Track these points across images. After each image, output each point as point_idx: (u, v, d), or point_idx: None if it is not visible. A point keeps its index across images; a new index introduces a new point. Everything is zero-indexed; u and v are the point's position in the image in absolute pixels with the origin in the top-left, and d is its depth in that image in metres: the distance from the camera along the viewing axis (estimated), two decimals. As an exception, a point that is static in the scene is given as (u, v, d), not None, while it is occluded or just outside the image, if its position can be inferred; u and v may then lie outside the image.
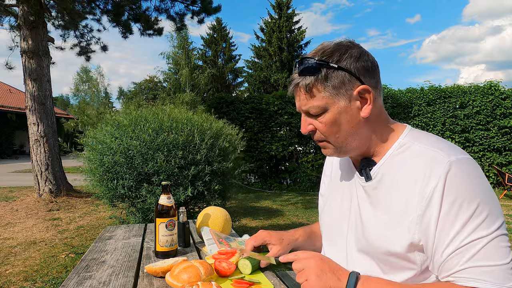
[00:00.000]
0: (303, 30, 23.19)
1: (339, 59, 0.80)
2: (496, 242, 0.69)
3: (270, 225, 5.00)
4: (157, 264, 1.06)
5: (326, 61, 0.79)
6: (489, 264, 0.68)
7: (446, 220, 0.71)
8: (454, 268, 0.71)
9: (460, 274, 0.70)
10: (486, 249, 0.68)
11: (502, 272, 0.68)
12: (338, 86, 0.80)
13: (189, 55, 19.11)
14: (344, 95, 0.80)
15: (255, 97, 9.17)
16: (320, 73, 0.79)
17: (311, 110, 0.82)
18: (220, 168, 3.02)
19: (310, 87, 0.80)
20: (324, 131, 0.84)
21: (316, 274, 0.78)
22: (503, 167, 8.50)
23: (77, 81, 26.79)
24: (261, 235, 1.12)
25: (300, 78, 0.82)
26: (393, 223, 0.79)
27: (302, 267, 0.81)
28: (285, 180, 9.30)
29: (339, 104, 0.81)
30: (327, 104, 0.81)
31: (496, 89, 8.46)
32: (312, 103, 0.81)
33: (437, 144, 0.79)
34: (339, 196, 0.97)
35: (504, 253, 0.69)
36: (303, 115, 0.86)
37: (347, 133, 0.83)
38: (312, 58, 0.80)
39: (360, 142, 0.84)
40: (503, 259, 0.68)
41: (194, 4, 7.66)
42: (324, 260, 0.82)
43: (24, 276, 2.99)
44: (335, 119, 0.81)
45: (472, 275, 0.69)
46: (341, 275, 0.78)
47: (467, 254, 0.69)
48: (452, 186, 0.71)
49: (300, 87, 0.83)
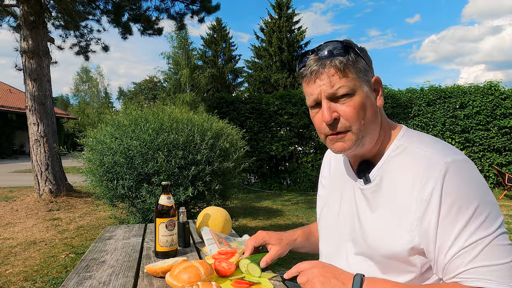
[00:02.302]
0: (303, 30, 23.21)
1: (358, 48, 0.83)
2: (498, 241, 0.69)
3: (270, 225, 5.00)
4: (157, 264, 1.06)
5: (352, 46, 0.81)
6: (493, 263, 0.68)
7: (447, 221, 0.72)
8: (458, 269, 0.71)
9: (465, 274, 0.70)
10: (489, 249, 0.69)
11: (506, 270, 0.68)
12: (364, 71, 0.81)
13: (189, 55, 19.13)
14: (367, 82, 0.82)
15: (255, 97, 9.17)
16: (350, 55, 0.80)
17: (340, 90, 0.79)
18: (220, 168, 3.02)
19: (343, 66, 0.79)
20: (351, 116, 0.79)
21: (321, 282, 0.78)
22: (503, 167, 8.50)
23: (77, 81, 26.81)
24: (260, 235, 1.12)
25: (327, 59, 0.79)
26: (392, 226, 0.79)
27: (306, 279, 0.81)
28: (285, 180, 9.30)
29: (364, 88, 0.81)
30: (355, 86, 0.80)
31: (496, 89, 8.46)
32: (343, 82, 0.79)
33: (433, 145, 0.79)
34: (337, 199, 0.96)
35: (506, 252, 0.69)
36: (326, 102, 0.80)
37: (371, 120, 0.82)
38: (336, 41, 0.81)
39: (375, 134, 0.84)
40: (506, 257, 0.69)
41: (194, 3, 7.67)
42: (325, 267, 0.82)
43: (24, 276, 2.99)
44: (363, 103, 0.80)
45: (477, 275, 0.69)
46: (344, 279, 0.78)
47: (470, 255, 0.70)
48: (450, 188, 0.72)
49: (331, 67, 0.79)
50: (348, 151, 0.84)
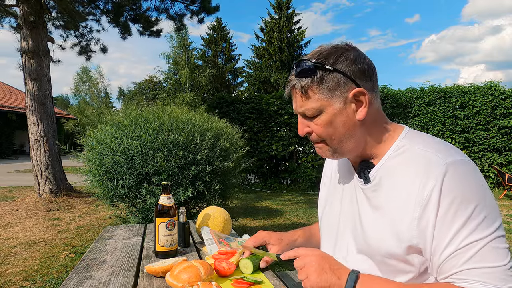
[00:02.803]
0: (303, 30, 23.21)
1: (335, 61, 0.80)
2: (494, 243, 0.69)
3: (270, 225, 5.01)
4: (157, 264, 1.06)
5: (322, 63, 0.80)
6: (487, 265, 0.69)
7: (444, 221, 0.72)
8: (452, 270, 0.72)
9: (458, 275, 0.71)
10: (484, 251, 0.69)
11: (499, 273, 0.69)
12: (333, 88, 0.80)
13: (189, 55, 19.13)
14: (339, 97, 0.81)
15: (255, 97, 9.18)
16: (316, 75, 0.80)
17: (306, 112, 0.83)
18: (220, 168, 3.03)
19: (305, 89, 0.81)
20: (320, 133, 0.84)
21: (317, 272, 0.79)
22: (503, 167, 8.50)
23: (77, 81, 26.83)
24: (260, 235, 1.12)
25: (296, 80, 0.83)
26: (392, 225, 0.79)
27: (303, 264, 0.82)
28: (285, 180, 9.30)
29: (334, 106, 0.81)
30: (322, 106, 0.81)
31: (496, 89, 8.45)
32: (308, 105, 0.82)
33: (434, 146, 0.79)
34: (338, 198, 0.97)
35: (502, 255, 0.69)
36: (300, 117, 0.87)
37: (342, 135, 0.83)
38: (308, 60, 0.81)
39: (356, 144, 0.85)
40: (501, 260, 0.69)
41: (193, 4, 7.67)
42: (324, 258, 0.83)
43: (24, 276, 2.99)
44: (330, 121, 0.82)
45: (470, 276, 0.70)
46: (341, 274, 0.79)
47: (465, 256, 0.70)
48: (449, 188, 0.72)
49: (296, 89, 0.84)
50: (330, 158, 0.89)
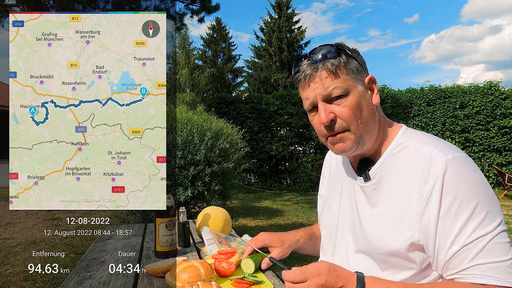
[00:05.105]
0: (303, 30, 23.18)
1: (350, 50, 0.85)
2: (498, 238, 0.70)
3: (270, 225, 5.01)
4: (157, 264, 1.06)
5: (343, 48, 0.84)
6: (494, 260, 0.70)
7: (447, 219, 0.72)
8: (460, 266, 0.72)
9: (467, 271, 0.72)
10: (489, 246, 0.70)
11: (505, 268, 0.70)
12: (356, 72, 0.83)
13: (189, 55, 19.13)
14: (360, 81, 0.83)
15: (255, 97, 9.17)
16: (341, 57, 0.82)
17: (334, 91, 0.81)
18: (220, 168, 3.02)
19: (335, 68, 0.81)
20: (348, 116, 0.81)
21: None
22: (503, 167, 8.50)
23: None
24: (261, 238, 1.11)
25: (321, 63, 0.82)
26: (393, 223, 0.79)
27: None
28: (285, 180, 9.30)
29: (358, 88, 0.83)
30: (349, 87, 0.82)
31: (496, 89, 8.45)
32: (336, 83, 0.81)
33: (433, 143, 0.79)
34: (338, 197, 0.97)
35: (506, 249, 0.71)
36: (322, 104, 0.82)
37: (368, 118, 0.83)
38: (328, 45, 0.84)
39: (375, 131, 0.85)
40: (505, 255, 0.70)
41: (193, 3, 7.67)
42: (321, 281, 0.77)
43: (24, 276, 2.99)
44: (358, 103, 0.81)
45: (479, 271, 0.70)
46: None
47: (472, 252, 0.71)
48: (450, 185, 0.72)
49: (323, 69, 0.82)
50: (348, 151, 0.84)
